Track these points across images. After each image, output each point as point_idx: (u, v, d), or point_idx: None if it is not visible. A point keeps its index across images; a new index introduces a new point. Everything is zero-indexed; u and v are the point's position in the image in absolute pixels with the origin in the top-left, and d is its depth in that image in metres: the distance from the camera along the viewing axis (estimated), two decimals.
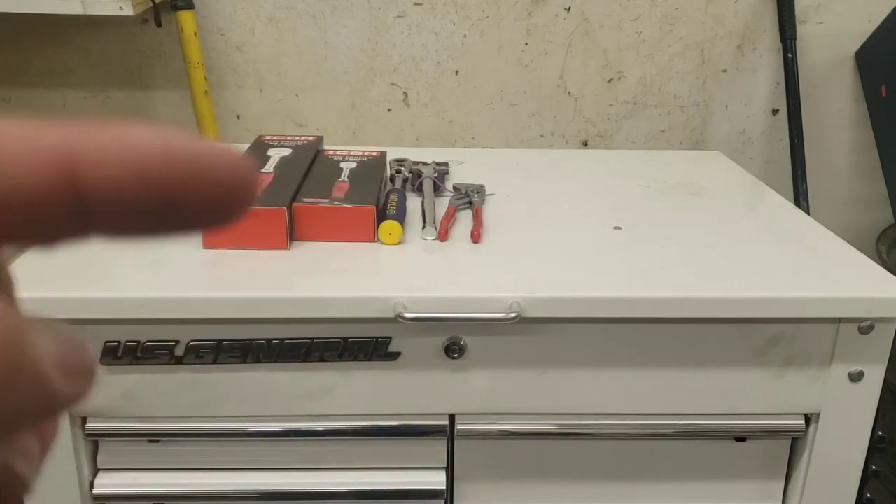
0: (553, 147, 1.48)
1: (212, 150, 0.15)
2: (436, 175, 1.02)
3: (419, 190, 1.00)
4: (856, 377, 0.81)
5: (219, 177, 0.15)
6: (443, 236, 0.88)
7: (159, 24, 1.29)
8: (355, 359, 0.78)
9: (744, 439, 0.85)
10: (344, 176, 0.95)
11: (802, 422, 0.83)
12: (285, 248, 0.84)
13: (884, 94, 1.41)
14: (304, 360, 0.78)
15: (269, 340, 0.77)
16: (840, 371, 0.81)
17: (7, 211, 0.14)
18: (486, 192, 1.00)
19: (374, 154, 1.04)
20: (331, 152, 1.05)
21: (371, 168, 0.99)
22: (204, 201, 0.14)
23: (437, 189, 1.00)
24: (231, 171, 0.15)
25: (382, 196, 0.94)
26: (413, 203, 0.96)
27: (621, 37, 1.42)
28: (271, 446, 0.82)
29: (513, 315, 0.75)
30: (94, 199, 0.14)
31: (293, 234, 0.86)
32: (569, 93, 1.45)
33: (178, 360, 0.77)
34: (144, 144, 0.14)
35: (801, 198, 1.39)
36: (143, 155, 0.14)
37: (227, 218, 0.15)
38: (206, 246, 0.84)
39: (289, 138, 1.07)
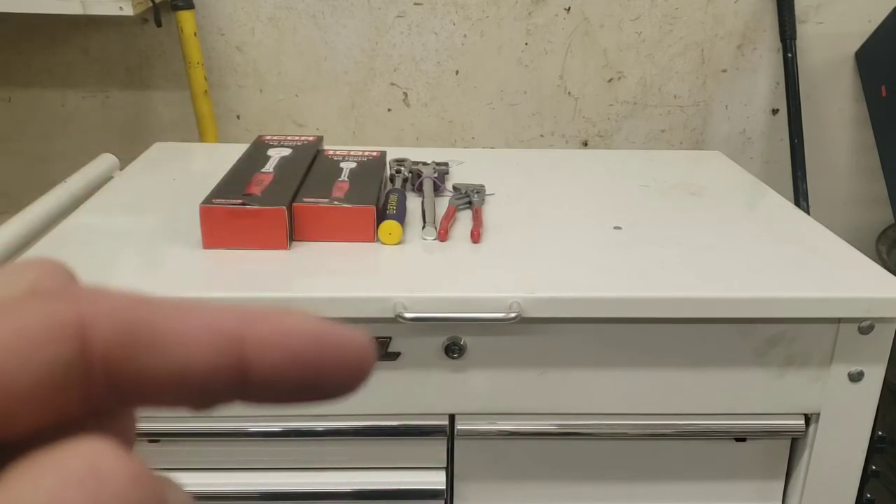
0: (553, 147, 1.49)
1: (347, 334, 0.17)
2: (436, 175, 1.02)
3: (419, 190, 1.00)
4: (856, 377, 0.81)
5: (354, 359, 0.17)
6: (443, 236, 0.88)
7: (159, 24, 1.29)
8: None
9: (744, 439, 0.85)
10: (344, 176, 0.95)
11: (802, 422, 0.83)
12: (285, 248, 0.84)
13: (884, 94, 1.41)
14: None
15: None
16: (840, 371, 0.81)
17: (178, 384, 0.15)
18: (486, 192, 1.00)
19: (374, 154, 1.04)
20: (331, 152, 1.05)
21: (371, 168, 0.99)
22: (340, 379, 0.17)
23: (437, 189, 1.00)
24: (362, 353, 0.17)
25: (382, 196, 0.94)
26: (413, 203, 0.96)
27: (621, 37, 1.42)
28: (271, 446, 0.82)
29: (513, 315, 0.75)
30: (254, 379, 0.16)
31: (293, 234, 0.86)
32: (569, 93, 1.45)
33: None
34: (300, 332, 0.16)
35: (801, 198, 1.39)
36: (300, 342, 0.16)
37: (353, 390, 0.17)
38: (206, 246, 0.84)
39: (289, 138, 1.07)
